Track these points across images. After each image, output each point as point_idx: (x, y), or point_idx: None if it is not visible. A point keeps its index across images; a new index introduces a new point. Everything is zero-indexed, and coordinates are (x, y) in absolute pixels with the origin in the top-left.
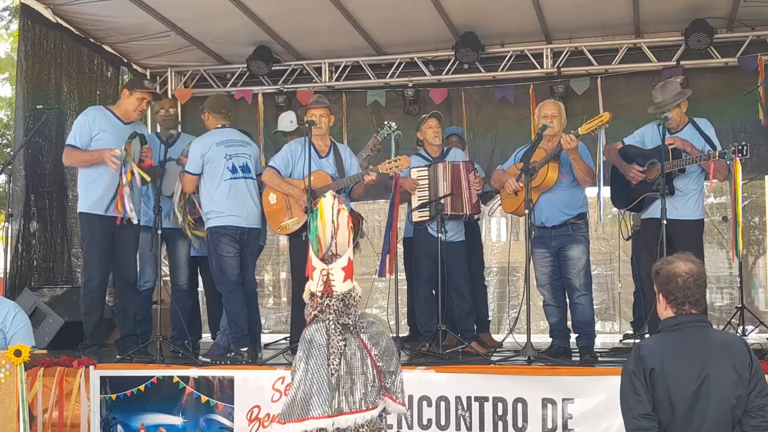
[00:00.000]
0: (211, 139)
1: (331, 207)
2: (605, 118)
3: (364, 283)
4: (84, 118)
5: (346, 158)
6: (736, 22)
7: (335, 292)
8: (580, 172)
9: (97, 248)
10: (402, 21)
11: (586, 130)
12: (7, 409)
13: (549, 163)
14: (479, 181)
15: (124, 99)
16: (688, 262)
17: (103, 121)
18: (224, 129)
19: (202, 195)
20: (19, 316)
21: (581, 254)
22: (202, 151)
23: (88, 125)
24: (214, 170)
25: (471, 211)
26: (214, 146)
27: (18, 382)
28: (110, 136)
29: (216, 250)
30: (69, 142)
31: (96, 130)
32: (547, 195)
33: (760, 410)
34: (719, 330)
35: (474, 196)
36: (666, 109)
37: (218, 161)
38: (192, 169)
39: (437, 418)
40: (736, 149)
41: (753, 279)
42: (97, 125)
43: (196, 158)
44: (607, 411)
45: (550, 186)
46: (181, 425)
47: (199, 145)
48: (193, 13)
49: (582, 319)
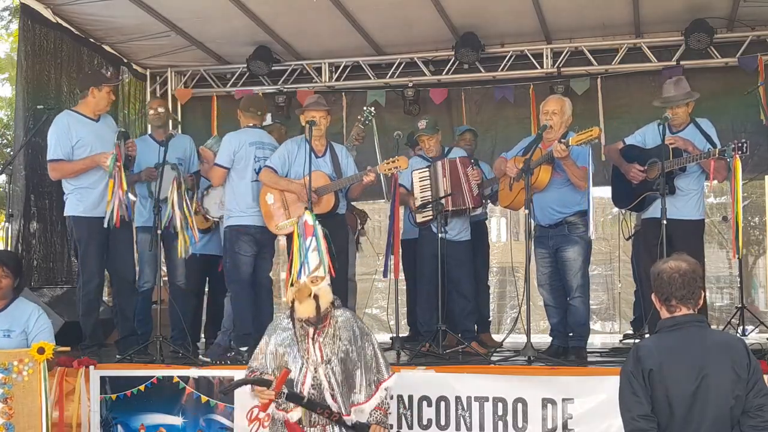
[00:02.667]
0: (245, 138)
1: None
2: (594, 133)
3: (364, 283)
4: (58, 129)
5: (343, 158)
6: (736, 22)
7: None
8: (573, 177)
9: (94, 249)
10: (402, 21)
11: (575, 142)
12: (30, 406)
13: (542, 165)
14: (477, 173)
15: (91, 96)
16: (678, 261)
17: (77, 126)
18: (255, 129)
19: (226, 191)
20: (42, 318)
21: (577, 255)
22: (235, 147)
23: (66, 135)
24: (243, 169)
25: (473, 204)
26: (246, 145)
27: (41, 380)
28: (89, 138)
29: (233, 247)
30: (52, 157)
31: (74, 138)
32: (541, 195)
33: (759, 410)
34: (718, 330)
35: (474, 188)
36: (672, 105)
37: (248, 161)
38: (224, 162)
39: (437, 418)
40: (736, 146)
41: (753, 279)
42: (73, 132)
43: (228, 153)
44: (607, 411)
45: (541, 188)
46: (181, 425)
47: (233, 140)
48: (193, 13)
49: (575, 321)
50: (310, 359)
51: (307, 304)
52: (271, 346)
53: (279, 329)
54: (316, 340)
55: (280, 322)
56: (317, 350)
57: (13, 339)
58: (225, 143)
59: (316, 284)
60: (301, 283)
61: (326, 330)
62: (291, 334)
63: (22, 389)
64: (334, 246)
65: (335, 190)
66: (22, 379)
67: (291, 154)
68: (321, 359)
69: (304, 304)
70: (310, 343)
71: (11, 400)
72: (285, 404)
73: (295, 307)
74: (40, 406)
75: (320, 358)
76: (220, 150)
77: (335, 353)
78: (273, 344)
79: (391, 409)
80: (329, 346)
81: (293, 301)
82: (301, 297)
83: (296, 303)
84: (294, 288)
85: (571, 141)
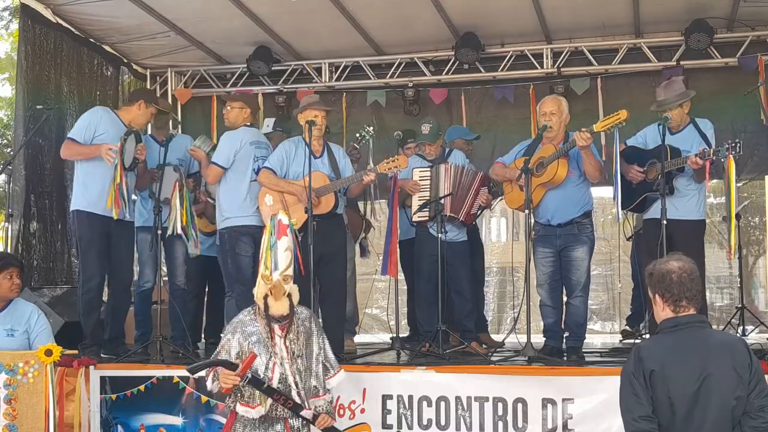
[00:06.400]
0: (246, 137)
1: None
2: (622, 116)
3: (364, 283)
4: (91, 116)
5: (340, 159)
6: (736, 22)
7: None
8: (590, 168)
9: (96, 248)
10: (402, 21)
11: (601, 128)
12: (35, 408)
13: (559, 159)
14: (487, 198)
15: (136, 109)
16: (679, 260)
17: (108, 123)
18: (252, 128)
19: (222, 191)
20: (42, 318)
21: (585, 255)
22: (236, 147)
23: (94, 124)
24: (242, 168)
25: (465, 219)
26: (247, 145)
27: (47, 382)
28: (111, 137)
29: (234, 248)
30: (71, 136)
31: (100, 130)
32: (555, 192)
33: (760, 411)
34: (719, 330)
35: (475, 207)
36: (667, 108)
37: (247, 161)
38: (223, 162)
39: (437, 418)
40: (730, 147)
41: (753, 279)
42: (102, 125)
43: (228, 152)
44: (607, 411)
45: (559, 182)
46: (181, 425)
47: (233, 140)
48: (193, 13)
49: (574, 320)
50: (278, 355)
51: (283, 302)
52: (234, 342)
53: (242, 326)
54: (282, 336)
55: (243, 319)
56: (284, 347)
57: (16, 338)
58: (225, 143)
59: (287, 283)
60: (275, 280)
61: (291, 327)
62: (257, 330)
63: (26, 391)
64: (332, 246)
65: (334, 190)
66: (27, 380)
67: (289, 154)
68: (287, 355)
69: (281, 301)
70: (278, 340)
71: (15, 401)
72: (250, 399)
73: (269, 303)
74: (46, 408)
75: (287, 354)
76: (219, 149)
77: (300, 350)
78: (236, 341)
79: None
80: (295, 342)
81: (266, 298)
82: (278, 294)
83: (271, 300)
84: (269, 285)
85: (596, 126)
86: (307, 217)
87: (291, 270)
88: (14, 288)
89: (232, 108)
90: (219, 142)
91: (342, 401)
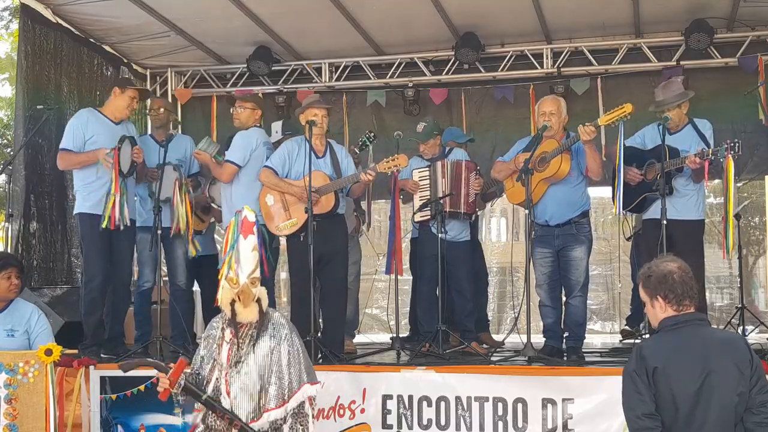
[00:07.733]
0: (260, 137)
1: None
2: (627, 109)
3: (364, 283)
4: (77, 121)
5: (342, 159)
6: (736, 22)
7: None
8: (593, 163)
9: (98, 248)
10: (402, 21)
11: (605, 122)
12: (35, 407)
13: (562, 154)
14: (479, 182)
15: (114, 97)
16: (675, 261)
17: (95, 124)
18: (261, 129)
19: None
20: (42, 318)
21: (583, 255)
22: (252, 146)
23: (81, 129)
24: (256, 168)
25: (467, 210)
26: (261, 145)
27: (48, 382)
28: (103, 138)
29: None
30: (63, 146)
31: (90, 133)
32: (554, 192)
33: (762, 407)
34: (718, 328)
35: (471, 195)
36: (666, 109)
37: (261, 161)
38: (238, 161)
39: (437, 418)
40: (729, 147)
41: (753, 279)
42: (90, 128)
43: (244, 151)
44: (607, 411)
45: (562, 177)
46: (181, 425)
47: (248, 139)
48: (193, 13)
49: (573, 320)
50: (218, 362)
51: (252, 308)
52: (201, 346)
53: (210, 329)
54: (228, 342)
55: (213, 322)
56: (225, 353)
57: (16, 338)
58: (240, 142)
59: (255, 286)
60: (242, 284)
61: (245, 331)
62: (217, 334)
63: (27, 391)
64: (332, 245)
65: (335, 190)
66: (27, 380)
67: (291, 154)
68: (227, 362)
69: (250, 307)
70: (225, 346)
71: (16, 401)
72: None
73: (237, 310)
74: (46, 408)
75: (226, 362)
76: (234, 148)
77: (248, 356)
78: (203, 345)
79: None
80: (243, 349)
81: (233, 303)
82: (247, 300)
83: (239, 306)
84: (236, 289)
85: (600, 121)
86: (306, 218)
87: (258, 272)
88: (13, 288)
89: (244, 109)
90: (233, 141)
91: (342, 401)
